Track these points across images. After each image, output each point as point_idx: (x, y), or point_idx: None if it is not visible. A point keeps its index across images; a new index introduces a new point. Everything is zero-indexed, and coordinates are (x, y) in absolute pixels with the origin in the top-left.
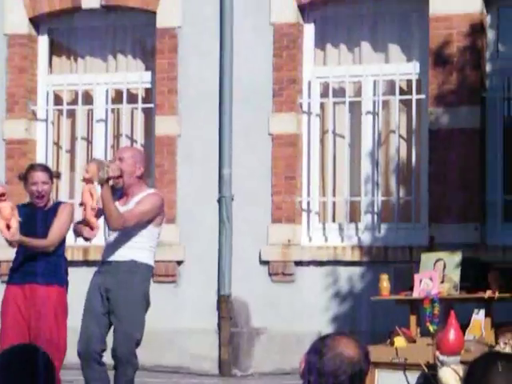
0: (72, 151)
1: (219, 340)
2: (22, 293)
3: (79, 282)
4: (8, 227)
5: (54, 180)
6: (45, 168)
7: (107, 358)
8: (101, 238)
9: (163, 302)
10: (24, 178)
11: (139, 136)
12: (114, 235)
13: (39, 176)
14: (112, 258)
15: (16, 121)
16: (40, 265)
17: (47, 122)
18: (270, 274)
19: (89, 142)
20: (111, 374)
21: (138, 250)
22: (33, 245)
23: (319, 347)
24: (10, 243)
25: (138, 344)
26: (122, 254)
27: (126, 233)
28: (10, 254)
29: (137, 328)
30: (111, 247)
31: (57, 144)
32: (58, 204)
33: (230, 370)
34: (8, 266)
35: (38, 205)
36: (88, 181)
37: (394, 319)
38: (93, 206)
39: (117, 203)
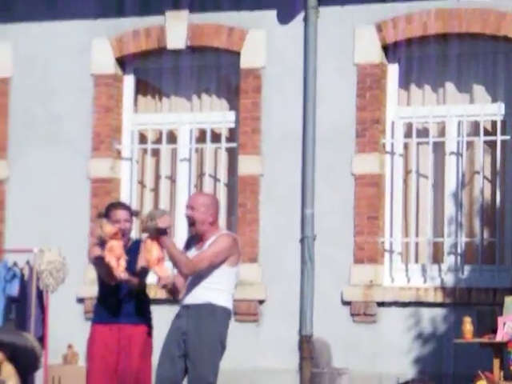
0: (156, 190)
1: (300, 380)
2: (109, 333)
3: (161, 321)
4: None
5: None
6: (126, 206)
7: None
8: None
9: (244, 341)
10: (105, 216)
11: (222, 175)
12: (191, 279)
13: (121, 214)
14: (190, 302)
15: (101, 159)
16: (128, 304)
17: (132, 160)
18: (351, 315)
19: (172, 180)
20: None
21: (215, 292)
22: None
23: None
24: (115, 280)
25: None
26: (200, 297)
27: (202, 275)
28: (94, 291)
29: (211, 371)
30: (189, 290)
31: (141, 183)
32: (137, 242)
33: None
34: (92, 304)
35: (124, 243)
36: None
37: (477, 362)
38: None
39: (193, 249)
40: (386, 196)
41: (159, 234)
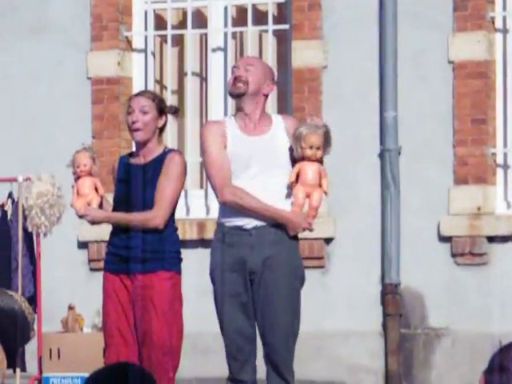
0: (180, 91)
1: (385, 345)
2: (121, 284)
3: (192, 266)
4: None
5: (168, 119)
6: (151, 94)
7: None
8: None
9: (307, 295)
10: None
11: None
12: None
13: (137, 101)
14: (254, 223)
15: (105, 53)
16: (144, 245)
17: (146, 52)
18: (452, 255)
19: (202, 78)
20: None
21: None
22: (128, 222)
23: (501, 361)
24: (93, 222)
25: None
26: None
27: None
28: (104, 232)
29: (295, 318)
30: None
31: (159, 82)
32: (164, 154)
33: None
34: (99, 249)
35: (135, 139)
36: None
37: None
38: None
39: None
40: (498, 91)
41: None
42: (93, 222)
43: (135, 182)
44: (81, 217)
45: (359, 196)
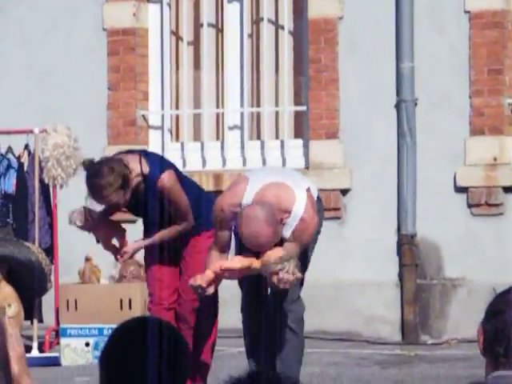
0: (196, 43)
1: (401, 295)
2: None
3: None
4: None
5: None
6: (105, 189)
7: None
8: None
9: (324, 246)
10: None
11: (286, 19)
12: None
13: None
14: None
15: (121, 3)
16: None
17: (162, 3)
18: (469, 206)
19: (218, 29)
20: None
21: None
22: (165, 237)
23: (496, 306)
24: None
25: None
26: None
27: None
28: None
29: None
30: None
31: (175, 33)
32: (150, 181)
33: (416, 336)
34: None
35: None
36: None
37: None
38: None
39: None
40: None
41: None
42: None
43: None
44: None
45: (375, 147)
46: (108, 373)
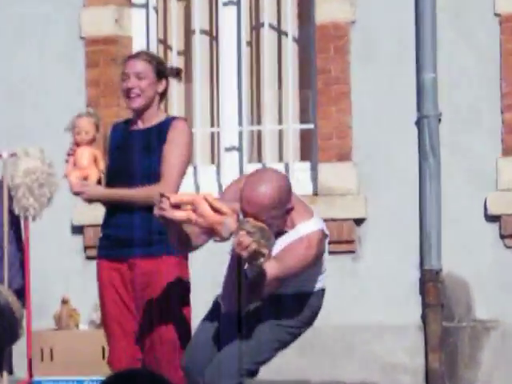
0: (187, 52)
1: (425, 341)
2: (118, 273)
3: (202, 252)
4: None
5: (171, 83)
6: (147, 56)
7: None
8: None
9: (336, 282)
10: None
11: (290, 24)
12: None
13: (132, 65)
14: None
15: (100, 8)
16: (146, 225)
17: (148, 7)
18: (501, 236)
19: (212, 36)
20: None
21: None
22: (132, 198)
23: None
24: (90, 200)
25: None
26: None
27: None
28: (102, 215)
29: None
30: None
31: (163, 42)
32: (168, 121)
33: None
34: (96, 234)
35: (132, 106)
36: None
37: None
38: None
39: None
40: None
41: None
42: (89, 201)
43: (137, 149)
44: (76, 194)
45: (394, 170)
46: None
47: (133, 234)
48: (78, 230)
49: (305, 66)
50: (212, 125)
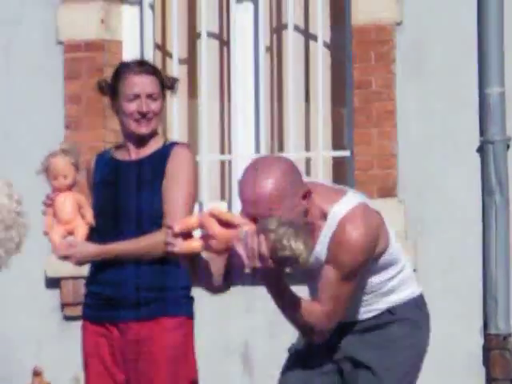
0: (191, 60)
1: None
2: (105, 340)
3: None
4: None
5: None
6: (151, 67)
7: None
8: None
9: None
10: (111, 90)
11: (320, 26)
12: None
13: (142, 84)
14: None
15: (82, 7)
16: (137, 282)
17: (142, 4)
18: None
19: (222, 40)
20: None
21: None
22: (136, 252)
23: None
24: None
25: None
26: None
27: None
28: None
29: None
30: None
31: (161, 48)
32: (167, 148)
33: None
34: (76, 289)
35: (141, 132)
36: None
37: None
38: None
39: None
40: None
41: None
42: (80, 263)
43: (129, 185)
44: (62, 258)
45: (450, 208)
46: None
47: (125, 293)
48: (53, 283)
49: (338, 77)
50: (222, 152)
